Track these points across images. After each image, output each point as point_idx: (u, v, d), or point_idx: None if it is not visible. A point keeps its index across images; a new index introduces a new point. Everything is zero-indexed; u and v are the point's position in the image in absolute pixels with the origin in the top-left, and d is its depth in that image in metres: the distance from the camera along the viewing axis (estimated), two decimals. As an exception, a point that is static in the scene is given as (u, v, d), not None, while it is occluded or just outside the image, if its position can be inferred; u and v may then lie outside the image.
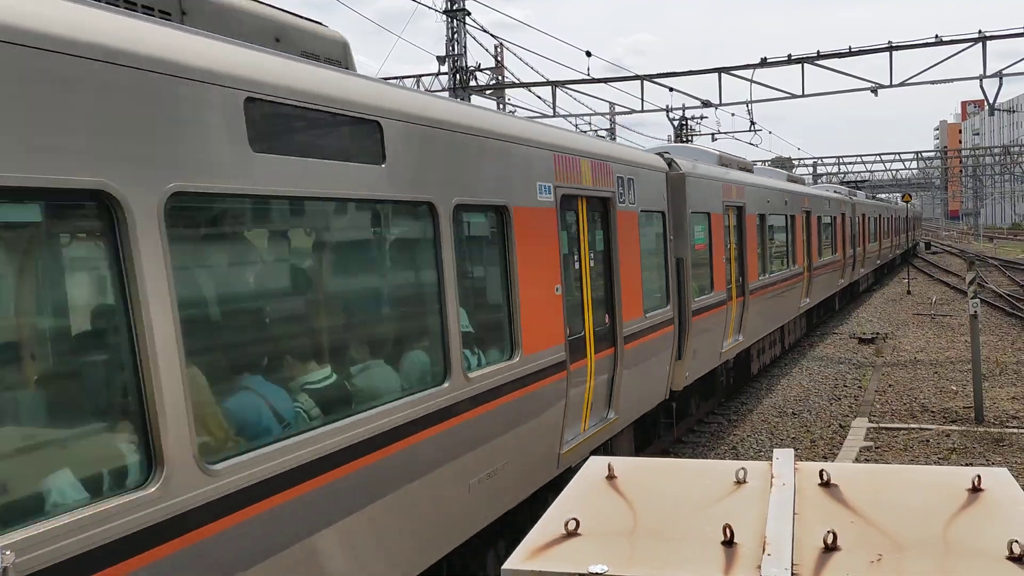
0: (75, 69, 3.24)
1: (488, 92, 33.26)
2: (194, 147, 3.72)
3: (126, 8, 3.95)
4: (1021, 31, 20.48)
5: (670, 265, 10.45)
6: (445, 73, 26.12)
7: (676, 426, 11.61)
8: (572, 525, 2.84)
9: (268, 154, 4.10)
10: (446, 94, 25.65)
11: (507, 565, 2.69)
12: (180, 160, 3.64)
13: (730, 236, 13.11)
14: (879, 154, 69.76)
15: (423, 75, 44.41)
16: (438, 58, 26.83)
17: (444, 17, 24.84)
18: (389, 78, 45.49)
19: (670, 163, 10.84)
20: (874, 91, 22.78)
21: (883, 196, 51.48)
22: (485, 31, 27.90)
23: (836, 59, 22.30)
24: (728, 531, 2.64)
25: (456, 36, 24.93)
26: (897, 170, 74.46)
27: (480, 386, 5.84)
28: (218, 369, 4.06)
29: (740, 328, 13.83)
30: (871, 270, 34.90)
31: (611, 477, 3.37)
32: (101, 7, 3.58)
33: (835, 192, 27.08)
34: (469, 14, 25.00)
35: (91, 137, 3.28)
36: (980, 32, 21.10)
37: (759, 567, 2.44)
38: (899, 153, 69.21)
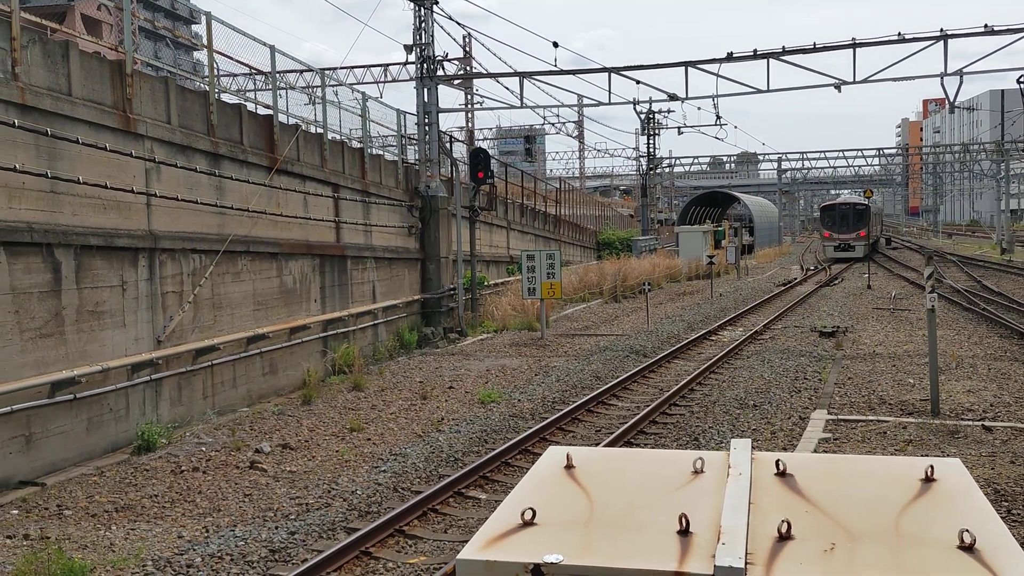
0: None
1: (456, 82, 33.00)
2: None
3: None
4: (981, 30, 20.80)
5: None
6: (412, 63, 25.90)
7: None
8: (528, 515, 2.81)
9: None
10: (413, 83, 25.48)
11: (462, 555, 2.66)
12: None
13: None
14: (842, 150, 70.63)
15: (390, 64, 44.10)
16: (405, 47, 26.60)
17: (411, 5, 24.60)
18: (356, 66, 44.91)
19: None
20: (837, 87, 23.02)
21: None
22: (453, 20, 27.75)
23: (801, 55, 22.51)
24: (684, 520, 2.64)
25: (424, 25, 24.71)
26: (860, 166, 75.49)
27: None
28: None
29: None
30: None
31: (569, 467, 3.35)
32: None
33: None
34: (437, 2, 24.79)
35: None
36: (942, 31, 21.39)
37: (713, 556, 2.43)
38: (861, 149, 70.22)
